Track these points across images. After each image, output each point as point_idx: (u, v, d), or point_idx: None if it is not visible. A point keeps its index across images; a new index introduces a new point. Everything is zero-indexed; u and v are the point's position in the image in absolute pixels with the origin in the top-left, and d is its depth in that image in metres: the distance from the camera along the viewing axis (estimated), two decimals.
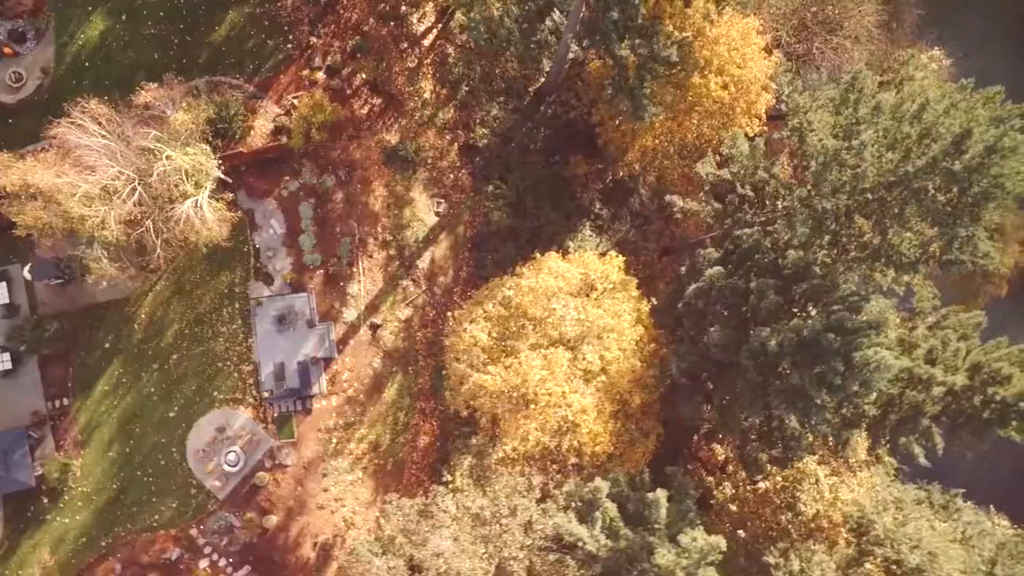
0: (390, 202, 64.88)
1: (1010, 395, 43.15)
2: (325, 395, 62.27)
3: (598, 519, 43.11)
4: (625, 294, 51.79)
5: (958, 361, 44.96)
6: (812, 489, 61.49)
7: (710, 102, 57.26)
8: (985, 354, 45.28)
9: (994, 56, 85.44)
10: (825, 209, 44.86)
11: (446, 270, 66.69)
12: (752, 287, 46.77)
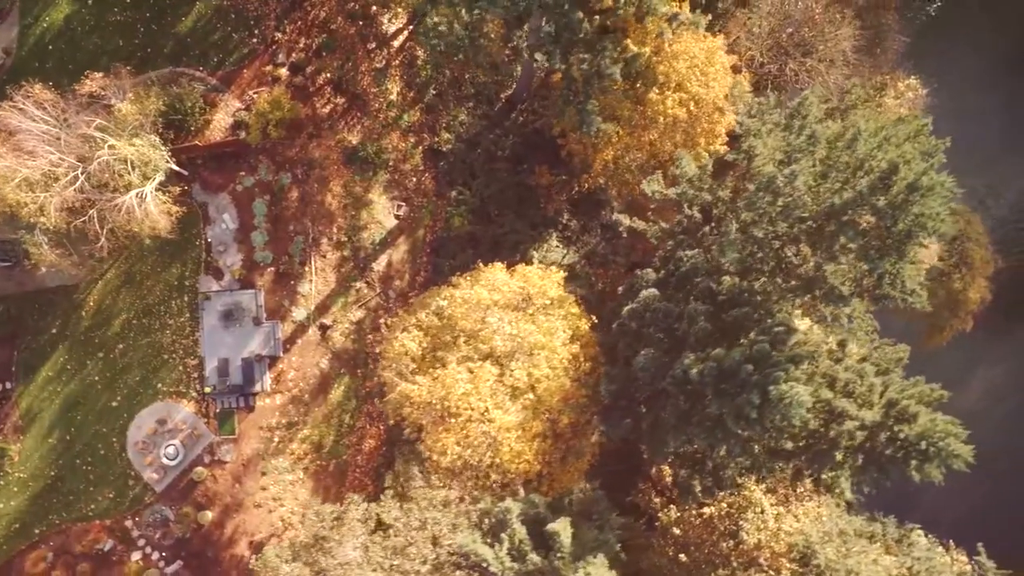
0: (348, 203, 64.36)
1: (913, 434, 42.25)
2: (269, 393, 61.88)
3: (504, 541, 42.38)
4: (561, 311, 50.93)
5: (873, 396, 44.09)
6: (756, 518, 60.71)
7: (666, 119, 56.42)
8: (900, 391, 44.34)
9: (973, 92, 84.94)
10: (758, 236, 44.04)
11: (402, 274, 66.12)
12: (683, 311, 45.92)
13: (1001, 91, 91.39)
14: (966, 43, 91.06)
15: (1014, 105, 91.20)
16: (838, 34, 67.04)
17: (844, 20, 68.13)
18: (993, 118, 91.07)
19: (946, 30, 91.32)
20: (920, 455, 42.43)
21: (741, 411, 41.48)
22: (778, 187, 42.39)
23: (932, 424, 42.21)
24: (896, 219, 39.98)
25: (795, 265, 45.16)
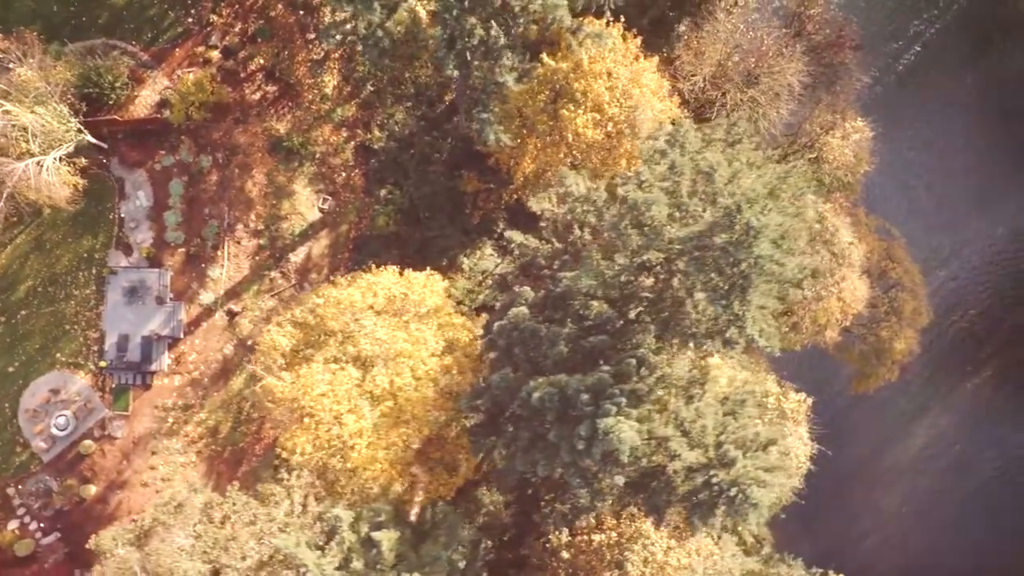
0: (269, 192, 64.23)
1: (726, 480, 41.25)
2: (167, 373, 61.81)
3: (333, 548, 41.97)
4: (437, 321, 50.38)
5: (706, 437, 43.16)
6: (643, 550, 60.00)
7: (576, 137, 55.79)
8: (729, 433, 43.39)
9: (950, 148, 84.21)
10: (619, 263, 43.34)
11: (321, 268, 65.88)
12: (544, 333, 45.30)
13: (979, 151, 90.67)
14: (947, 100, 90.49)
15: (990, 165, 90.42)
16: (785, 67, 65.76)
17: (794, 55, 66.85)
18: (970, 177, 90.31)
19: (927, 84, 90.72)
20: (728, 502, 41.38)
21: (571, 441, 40.75)
22: (638, 214, 41.59)
23: (745, 470, 41.14)
24: (737, 259, 39.09)
25: (655, 298, 44.33)
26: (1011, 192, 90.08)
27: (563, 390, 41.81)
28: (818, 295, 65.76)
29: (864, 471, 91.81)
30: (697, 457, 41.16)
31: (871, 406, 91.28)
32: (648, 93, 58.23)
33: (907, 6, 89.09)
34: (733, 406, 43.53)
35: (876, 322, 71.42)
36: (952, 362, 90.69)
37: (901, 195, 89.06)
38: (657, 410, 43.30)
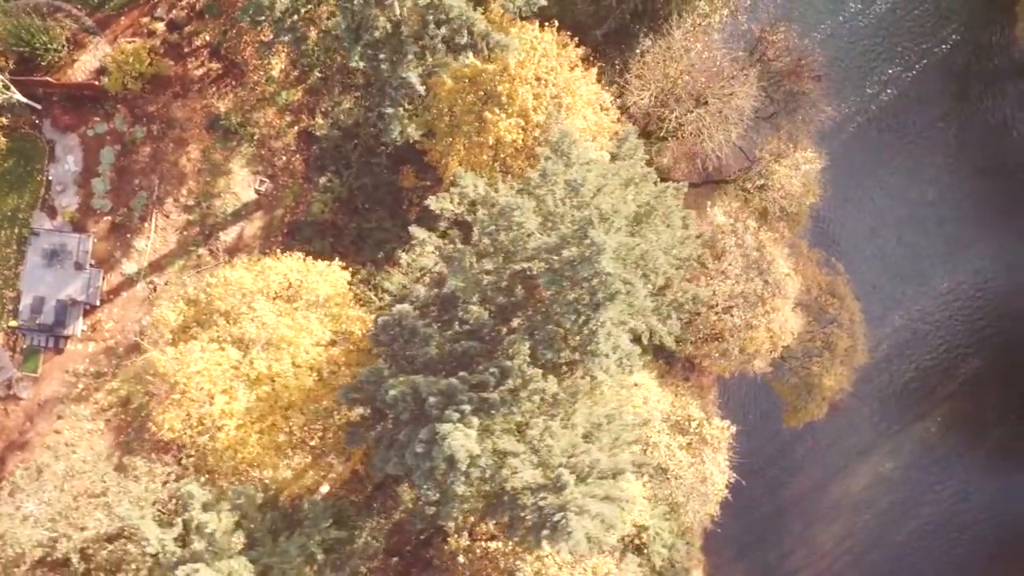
0: (204, 168, 64.27)
1: (553, 504, 40.64)
2: (81, 339, 61.92)
3: (178, 524, 41.83)
4: (326, 311, 50.14)
5: (552, 458, 42.57)
6: (536, 562, 59.69)
7: (496, 141, 55.46)
8: (575, 457, 42.77)
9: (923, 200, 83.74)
10: (487, 268, 42.95)
11: (251, 249, 65.83)
12: (420, 333, 44.99)
13: (951, 203, 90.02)
14: (923, 147, 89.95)
15: (961, 217, 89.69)
16: (737, 91, 65.03)
17: (748, 79, 66.15)
18: (940, 228, 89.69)
19: (903, 129, 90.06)
20: (552, 526, 40.68)
21: (411, 444, 40.42)
22: (507, 222, 41.17)
23: (572, 497, 40.44)
24: (583, 275, 38.60)
25: (528, 309, 43.89)
26: (978, 246, 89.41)
27: (416, 391, 41.43)
28: (747, 323, 64.94)
29: (805, 505, 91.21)
30: (535, 477, 40.47)
31: (818, 442, 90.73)
32: (580, 103, 57.66)
33: (884, 49, 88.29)
34: (592, 428, 42.73)
35: (809, 356, 70.38)
36: (901, 407, 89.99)
37: (868, 241, 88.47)
38: (513, 424, 42.67)
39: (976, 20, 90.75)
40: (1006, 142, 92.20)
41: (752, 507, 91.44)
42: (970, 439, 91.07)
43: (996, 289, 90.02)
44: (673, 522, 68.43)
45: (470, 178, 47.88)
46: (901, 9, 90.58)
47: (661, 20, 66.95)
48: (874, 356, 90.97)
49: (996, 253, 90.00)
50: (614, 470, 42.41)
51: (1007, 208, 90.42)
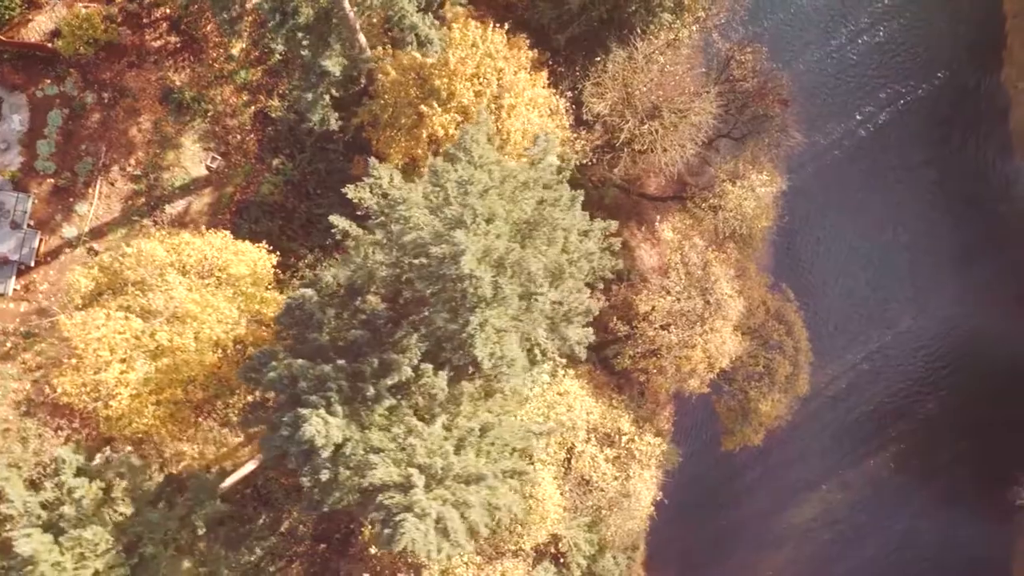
0: (154, 140, 64.38)
1: (398, 503, 40.13)
2: (12, 298, 62.01)
3: (47, 489, 41.90)
4: (238, 290, 50.23)
5: (415, 457, 42.23)
6: (445, 561, 59.65)
7: (431, 135, 55.39)
8: (429, 457, 42.38)
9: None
10: (378, 259, 42.84)
11: (197, 224, 65.78)
12: (316, 318, 44.95)
13: (923, 245, 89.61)
14: (901, 190, 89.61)
15: (933, 260, 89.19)
16: (693, 107, 64.65)
17: (708, 96, 65.78)
18: (909, 269, 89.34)
19: (880, 168, 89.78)
20: (393, 526, 40.35)
21: (281, 427, 40.37)
22: (397, 212, 41.03)
23: (417, 499, 40.09)
24: (448, 275, 38.45)
25: (422, 304, 43.73)
26: (945, 293, 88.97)
27: (293, 374, 41.35)
28: (684, 341, 64.57)
29: (752, 531, 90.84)
30: (390, 475, 40.18)
31: (769, 469, 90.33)
32: (523, 105, 57.49)
33: (868, 85, 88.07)
34: (466, 433, 42.40)
35: (748, 380, 69.90)
36: (854, 442, 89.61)
37: (836, 278, 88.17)
38: (401, 419, 42.45)
39: (962, 63, 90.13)
40: (986, 190, 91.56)
41: (700, 528, 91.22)
42: (919, 480, 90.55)
43: (958, 336, 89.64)
44: (595, 534, 67.83)
45: (383, 169, 47.62)
46: (888, 47, 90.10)
47: (627, 31, 66.21)
48: (831, 390, 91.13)
49: (962, 301, 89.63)
50: (476, 476, 41.84)
51: (978, 258, 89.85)
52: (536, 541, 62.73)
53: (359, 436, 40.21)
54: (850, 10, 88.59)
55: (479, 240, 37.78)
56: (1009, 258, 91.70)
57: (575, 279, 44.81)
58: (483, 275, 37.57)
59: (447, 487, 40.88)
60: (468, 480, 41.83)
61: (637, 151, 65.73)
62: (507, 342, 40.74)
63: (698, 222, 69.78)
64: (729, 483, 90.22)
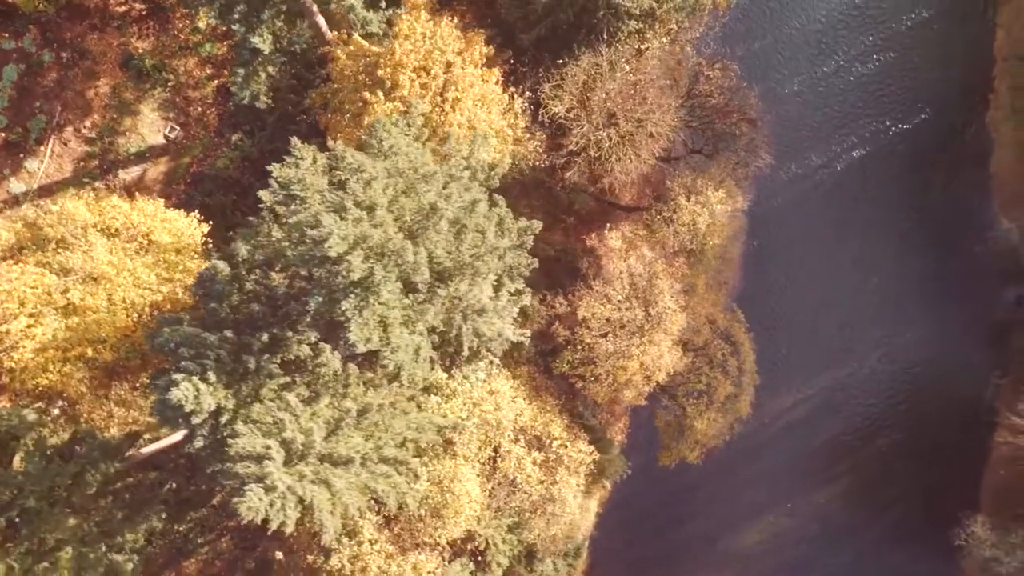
0: (112, 105, 64.78)
1: (251, 473, 40.20)
2: None
3: None
4: (162, 257, 50.49)
5: (283, 432, 42.25)
6: (355, 547, 59.79)
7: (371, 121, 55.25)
8: (298, 433, 42.35)
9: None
10: (276, 237, 42.96)
11: (151, 192, 66.19)
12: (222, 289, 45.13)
13: (893, 287, 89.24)
14: (877, 230, 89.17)
15: (902, 302, 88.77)
16: (649, 118, 64.45)
17: (667, 108, 65.54)
18: (879, 312, 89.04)
19: (858, 205, 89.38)
20: (240, 496, 40.34)
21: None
22: (294, 193, 41.15)
23: (270, 471, 40.07)
24: (313, 256, 38.68)
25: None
26: (911, 331, 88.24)
27: (178, 341, 41.51)
28: (621, 351, 64.35)
29: (695, 551, 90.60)
30: (253, 445, 40.15)
31: (717, 490, 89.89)
32: (470, 100, 57.48)
33: (849, 118, 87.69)
34: (343, 414, 42.43)
35: (687, 396, 69.61)
36: (806, 472, 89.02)
37: (805, 310, 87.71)
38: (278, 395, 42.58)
39: (949, 103, 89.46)
40: (961, 232, 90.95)
41: (647, 542, 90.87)
42: (867, 516, 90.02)
43: (919, 377, 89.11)
44: (516, 536, 67.67)
45: (305, 150, 47.55)
46: (876, 81, 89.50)
47: (594, 36, 66.11)
48: (789, 418, 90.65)
49: (926, 343, 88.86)
50: (345, 458, 41.81)
51: (947, 301, 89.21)
52: (452, 536, 62.53)
53: (233, 405, 40.22)
54: (841, 40, 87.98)
55: (352, 227, 37.78)
56: (978, 303, 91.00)
57: (482, 275, 44.66)
58: (354, 260, 37.55)
59: (309, 464, 40.81)
60: (337, 462, 41.74)
61: (592, 157, 65.21)
62: (394, 330, 40.70)
63: (652, 234, 69.47)
64: (679, 500, 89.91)
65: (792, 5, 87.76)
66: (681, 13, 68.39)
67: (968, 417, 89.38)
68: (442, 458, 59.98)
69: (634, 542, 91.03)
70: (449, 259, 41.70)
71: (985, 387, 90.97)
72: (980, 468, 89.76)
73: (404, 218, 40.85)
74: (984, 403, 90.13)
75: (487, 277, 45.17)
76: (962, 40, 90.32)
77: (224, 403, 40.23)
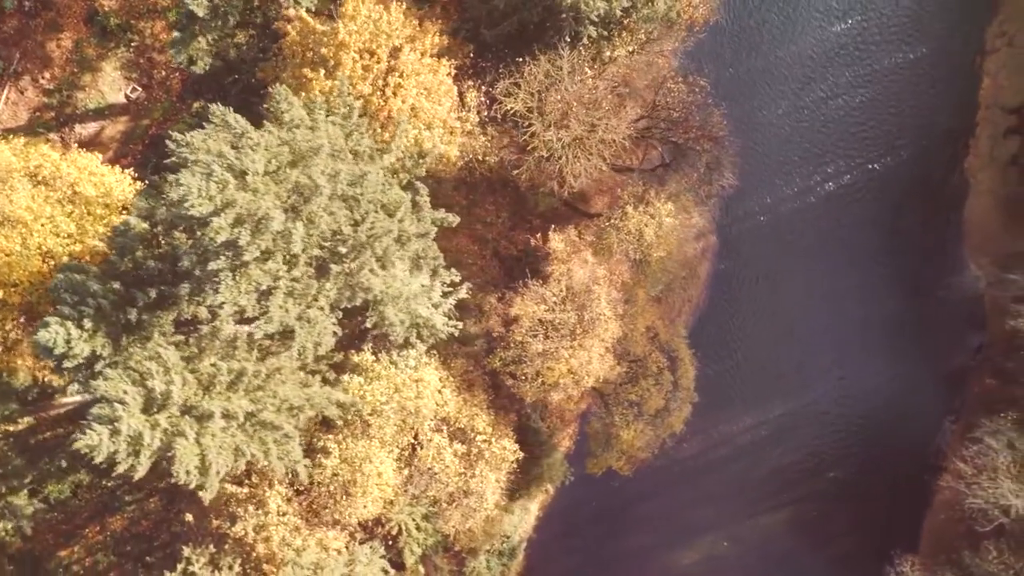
0: (74, 59, 65.56)
1: (101, 415, 40.77)
2: None
3: None
4: (85, 209, 51.15)
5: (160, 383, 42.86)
6: (261, 516, 60.09)
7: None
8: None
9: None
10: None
11: (108, 148, 67.13)
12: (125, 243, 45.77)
13: (858, 320, 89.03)
14: (845, 260, 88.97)
15: (863, 336, 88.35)
16: (600, 124, 64.60)
17: (622, 116, 65.69)
18: (837, 346, 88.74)
19: (827, 236, 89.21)
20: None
21: None
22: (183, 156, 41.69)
23: (115, 416, 40.56)
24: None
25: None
26: (868, 368, 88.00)
27: (65, 287, 42.13)
28: (548, 353, 64.43)
29: (637, 562, 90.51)
30: (116, 389, 40.66)
31: (662, 506, 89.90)
32: (413, 88, 57.93)
33: (826, 148, 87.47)
34: (213, 372, 42.97)
35: (617, 406, 69.68)
36: (754, 497, 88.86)
37: (768, 345, 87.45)
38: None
39: (929, 146, 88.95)
40: (930, 275, 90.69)
41: (586, 549, 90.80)
42: (811, 546, 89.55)
43: (873, 415, 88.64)
44: (432, 524, 67.85)
45: (222, 115, 47.92)
46: (859, 116, 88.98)
47: (558, 38, 66.40)
48: (740, 442, 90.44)
49: (884, 384, 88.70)
50: (206, 413, 42.33)
51: (907, 341, 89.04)
52: (362, 516, 62.70)
53: (109, 354, 40.80)
54: (829, 71, 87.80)
55: (217, 189, 38.25)
56: (940, 347, 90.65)
57: (379, 256, 45.03)
58: (220, 223, 38.02)
59: (168, 415, 41.29)
60: (202, 416, 42.24)
61: (543, 157, 65.44)
62: (276, 299, 41.19)
63: (599, 240, 69.58)
64: (623, 512, 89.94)
65: (780, 34, 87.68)
66: (650, 24, 68.41)
67: (918, 459, 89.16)
68: (358, 439, 60.07)
69: (573, 549, 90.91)
70: (340, 237, 42.03)
71: (937, 431, 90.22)
72: (923, 510, 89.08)
73: (287, 189, 41.18)
74: (933, 446, 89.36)
75: (394, 262, 45.46)
76: (948, 84, 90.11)
77: (100, 351, 40.74)
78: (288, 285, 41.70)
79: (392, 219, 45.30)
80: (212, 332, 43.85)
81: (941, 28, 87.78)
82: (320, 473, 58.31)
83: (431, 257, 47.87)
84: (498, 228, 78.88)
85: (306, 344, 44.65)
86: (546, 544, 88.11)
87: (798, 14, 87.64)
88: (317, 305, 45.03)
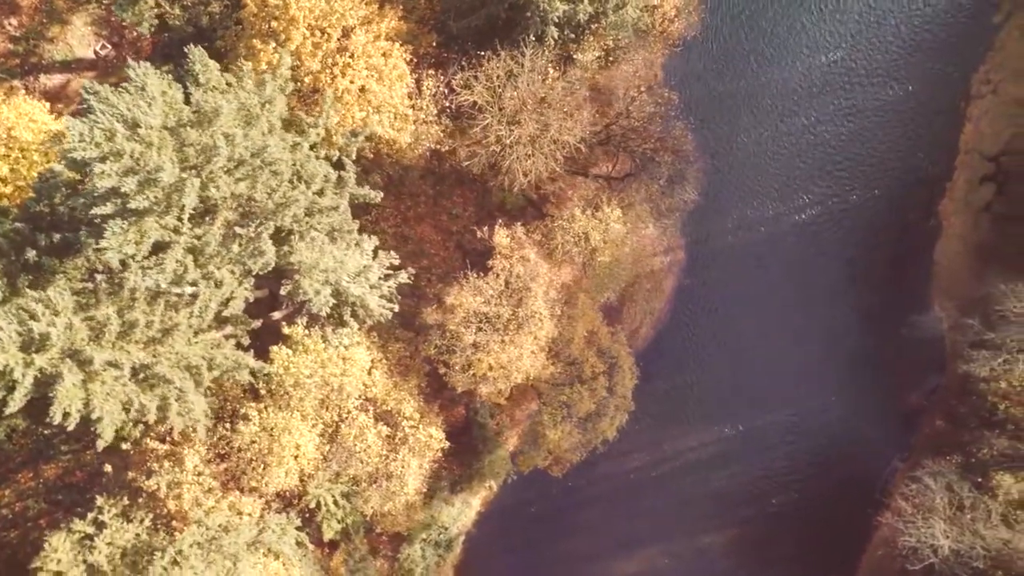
0: (43, 10, 66.48)
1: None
2: None
3: None
4: (20, 154, 52.26)
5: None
6: (176, 473, 60.80)
7: (255, 69, 56.87)
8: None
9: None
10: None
11: (72, 101, 67.99)
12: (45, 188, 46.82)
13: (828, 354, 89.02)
14: (806, 296, 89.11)
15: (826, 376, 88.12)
16: (552, 123, 65.09)
17: (577, 118, 66.13)
18: (801, 375, 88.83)
19: (795, 268, 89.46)
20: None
21: None
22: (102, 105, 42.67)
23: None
24: None
25: None
26: (824, 397, 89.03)
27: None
28: (479, 344, 64.89)
29: (573, 568, 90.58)
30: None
31: (604, 513, 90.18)
32: (363, 69, 58.65)
33: (807, 183, 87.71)
34: (105, 320, 43.86)
35: (549, 406, 70.05)
36: (698, 514, 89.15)
37: (725, 368, 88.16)
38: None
39: (906, 186, 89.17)
40: (893, 313, 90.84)
41: (524, 549, 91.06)
42: (749, 570, 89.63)
43: (824, 447, 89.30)
44: (351, 504, 68.36)
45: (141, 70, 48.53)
46: (839, 148, 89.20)
47: (524, 36, 66.94)
48: (690, 459, 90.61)
49: (838, 417, 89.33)
50: (86, 359, 43.21)
51: (865, 374, 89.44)
52: (279, 486, 63.26)
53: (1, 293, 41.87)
54: (813, 103, 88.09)
55: (101, 136, 39.13)
56: (897, 385, 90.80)
57: (288, 224, 45.81)
58: (103, 169, 38.91)
59: (47, 357, 42.19)
60: (84, 362, 43.13)
61: (495, 151, 65.96)
62: (173, 253, 42.11)
63: (547, 239, 69.98)
64: (565, 516, 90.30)
65: (767, 62, 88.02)
66: (619, 32, 68.79)
67: (864, 493, 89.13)
68: (280, 409, 60.70)
69: (512, 548, 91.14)
70: (257, 203, 42.82)
71: (887, 467, 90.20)
72: (863, 544, 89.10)
73: (196, 150, 42.09)
74: (881, 482, 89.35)
75: (312, 234, 46.18)
76: (930, 126, 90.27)
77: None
78: (188, 242, 42.47)
79: (308, 190, 45.93)
80: (117, 282, 44.51)
81: (928, 70, 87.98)
82: (239, 439, 58.64)
83: (346, 231, 48.43)
84: (464, 221, 79.46)
85: (208, 303, 45.42)
86: (485, 540, 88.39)
87: (787, 44, 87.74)
88: (227, 267, 45.71)
